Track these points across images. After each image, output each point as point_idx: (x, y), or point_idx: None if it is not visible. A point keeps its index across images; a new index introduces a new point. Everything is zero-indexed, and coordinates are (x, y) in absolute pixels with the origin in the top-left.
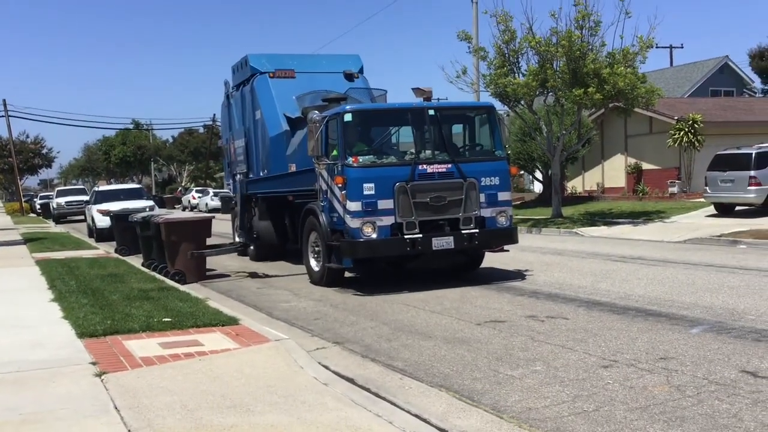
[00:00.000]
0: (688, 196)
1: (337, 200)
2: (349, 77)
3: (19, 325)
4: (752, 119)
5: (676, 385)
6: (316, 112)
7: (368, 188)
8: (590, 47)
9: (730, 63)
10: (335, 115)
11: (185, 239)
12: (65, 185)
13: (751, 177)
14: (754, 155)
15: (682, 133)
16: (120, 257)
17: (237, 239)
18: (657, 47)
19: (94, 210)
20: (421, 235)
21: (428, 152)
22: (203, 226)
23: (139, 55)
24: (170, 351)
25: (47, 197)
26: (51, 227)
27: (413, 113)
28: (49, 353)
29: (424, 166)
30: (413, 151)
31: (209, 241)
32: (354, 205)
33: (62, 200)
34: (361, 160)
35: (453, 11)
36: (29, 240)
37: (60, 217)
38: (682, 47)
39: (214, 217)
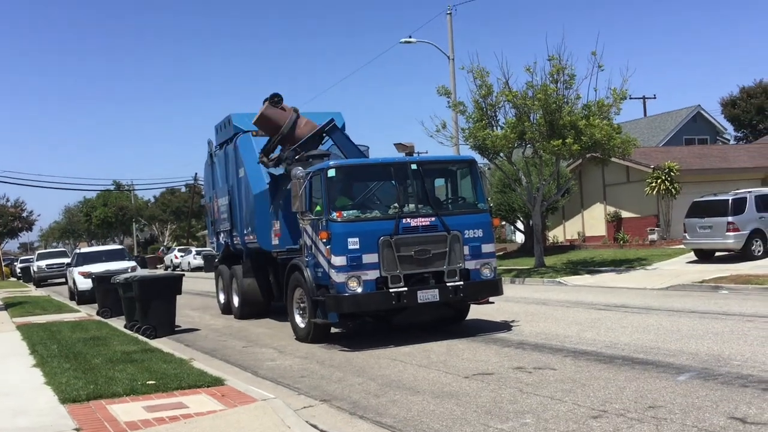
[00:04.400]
0: (667, 243)
1: (322, 255)
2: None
3: (0, 392)
4: (727, 166)
5: None
6: (300, 168)
7: (353, 243)
8: (566, 100)
9: (703, 111)
10: (319, 171)
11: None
12: (46, 248)
13: (729, 223)
14: (731, 201)
15: (659, 181)
16: (102, 319)
17: (221, 299)
18: (630, 98)
19: (76, 272)
20: (406, 289)
21: (412, 206)
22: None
23: (119, 114)
24: (155, 414)
25: (28, 260)
26: (32, 291)
27: (396, 168)
28: (31, 420)
29: (408, 220)
30: (397, 205)
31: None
32: (339, 260)
33: (43, 263)
34: (345, 214)
35: (431, 67)
36: (10, 305)
37: (41, 281)
38: (654, 98)
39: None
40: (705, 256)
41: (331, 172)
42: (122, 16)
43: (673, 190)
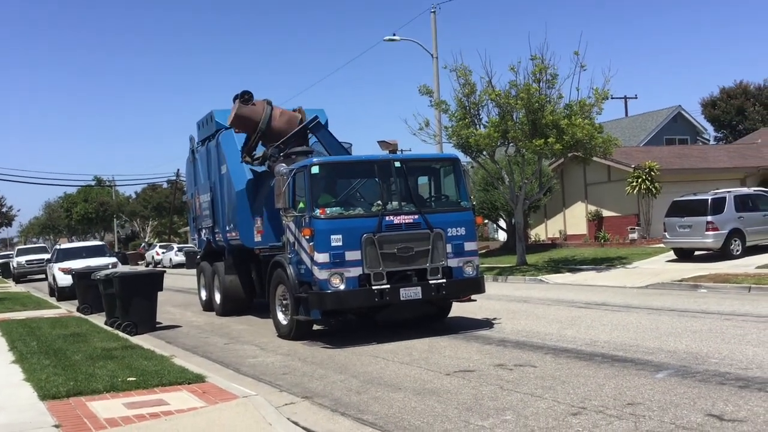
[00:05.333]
0: (648, 241)
1: (305, 252)
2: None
3: None
4: (706, 166)
5: (645, 431)
6: (284, 164)
7: (336, 240)
8: (548, 99)
9: (683, 112)
10: (302, 168)
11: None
12: (25, 244)
13: (708, 222)
14: (710, 201)
15: (639, 180)
16: (82, 316)
17: (203, 296)
18: (612, 98)
19: (56, 268)
20: (388, 286)
21: (395, 203)
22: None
23: (101, 110)
24: (135, 411)
25: (7, 256)
26: (11, 287)
27: (379, 165)
28: (10, 417)
29: (391, 218)
30: (380, 202)
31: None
32: (322, 257)
33: (23, 259)
34: (328, 211)
35: (415, 65)
36: None
37: (20, 277)
38: (636, 98)
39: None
40: (684, 255)
41: (315, 169)
42: (103, 10)
43: (653, 189)
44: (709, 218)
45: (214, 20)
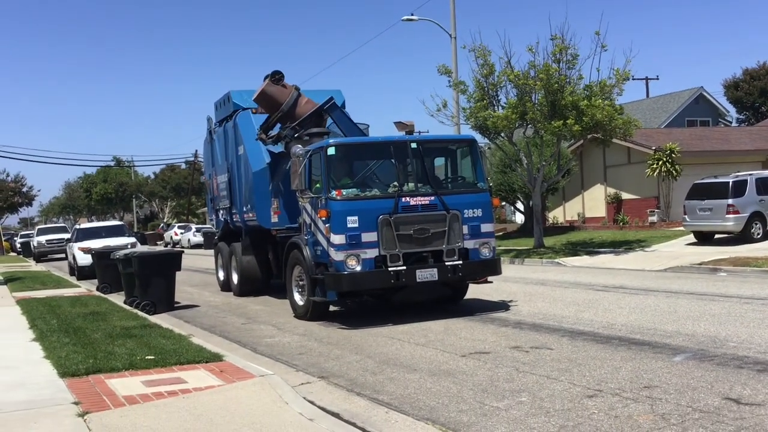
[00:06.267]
0: (667, 225)
1: (321, 233)
2: None
3: (0, 365)
4: (728, 148)
5: (661, 414)
6: (300, 146)
7: (352, 221)
8: (568, 80)
9: (705, 93)
10: (319, 149)
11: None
12: (46, 223)
13: (729, 205)
14: (731, 184)
15: (660, 162)
16: (102, 295)
17: (220, 276)
18: (633, 79)
19: (76, 248)
20: (404, 268)
21: (411, 185)
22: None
23: (120, 91)
24: (154, 389)
25: (28, 236)
26: (32, 266)
27: (396, 146)
28: (30, 394)
29: (408, 199)
30: (396, 183)
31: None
32: (338, 238)
33: (43, 238)
34: (344, 193)
35: (433, 46)
36: (9, 279)
37: (41, 256)
38: (657, 79)
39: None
40: (704, 238)
41: (331, 150)
42: None
43: (674, 171)
44: (730, 201)
45: (233, 1)
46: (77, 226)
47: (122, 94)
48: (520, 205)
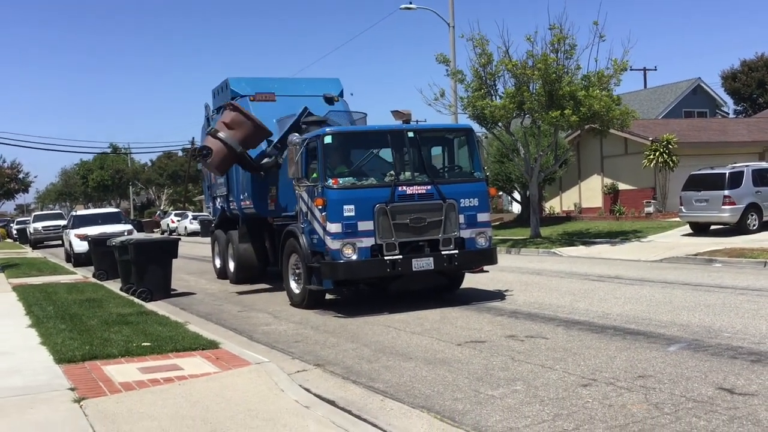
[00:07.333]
0: (663, 215)
1: (318, 222)
2: (329, 100)
3: None
4: (725, 140)
5: (655, 403)
6: (296, 134)
7: (348, 210)
8: (566, 70)
9: (703, 84)
10: (315, 137)
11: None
12: (42, 210)
13: (725, 196)
14: (727, 175)
15: (657, 153)
16: (98, 282)
17: (217, 264)
18: (631, 70)
19: (72, 235)
20: (401, 257)
21: (408, 174)
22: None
23: (117, 78)
24: (150, 376)
25: (24, 222)
26: (28, 252)
27: (393, 135)
28: (26, 379)
29: (404, 188)
30: (393, 172)
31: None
32: (334, 227)
33: (39, 225)
34: (341, 181)
35: (431, 35)
36: (6, 266)
37: (37, 242)
38: (655, 69)
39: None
40: (700, 229)
41: (328, 139)
42: None
43: (670, 162)
44: (726, 192)
45: None
46: (74, 213)
47: (120, 80)
48: (516, 195)
